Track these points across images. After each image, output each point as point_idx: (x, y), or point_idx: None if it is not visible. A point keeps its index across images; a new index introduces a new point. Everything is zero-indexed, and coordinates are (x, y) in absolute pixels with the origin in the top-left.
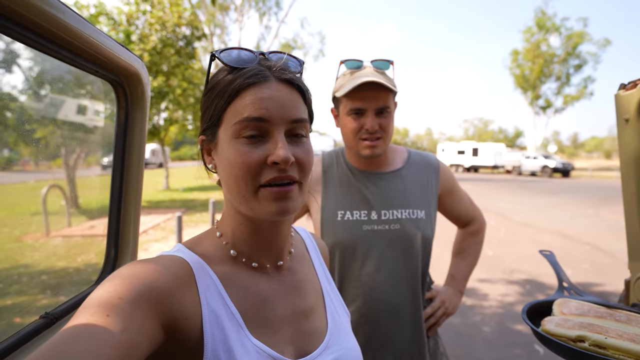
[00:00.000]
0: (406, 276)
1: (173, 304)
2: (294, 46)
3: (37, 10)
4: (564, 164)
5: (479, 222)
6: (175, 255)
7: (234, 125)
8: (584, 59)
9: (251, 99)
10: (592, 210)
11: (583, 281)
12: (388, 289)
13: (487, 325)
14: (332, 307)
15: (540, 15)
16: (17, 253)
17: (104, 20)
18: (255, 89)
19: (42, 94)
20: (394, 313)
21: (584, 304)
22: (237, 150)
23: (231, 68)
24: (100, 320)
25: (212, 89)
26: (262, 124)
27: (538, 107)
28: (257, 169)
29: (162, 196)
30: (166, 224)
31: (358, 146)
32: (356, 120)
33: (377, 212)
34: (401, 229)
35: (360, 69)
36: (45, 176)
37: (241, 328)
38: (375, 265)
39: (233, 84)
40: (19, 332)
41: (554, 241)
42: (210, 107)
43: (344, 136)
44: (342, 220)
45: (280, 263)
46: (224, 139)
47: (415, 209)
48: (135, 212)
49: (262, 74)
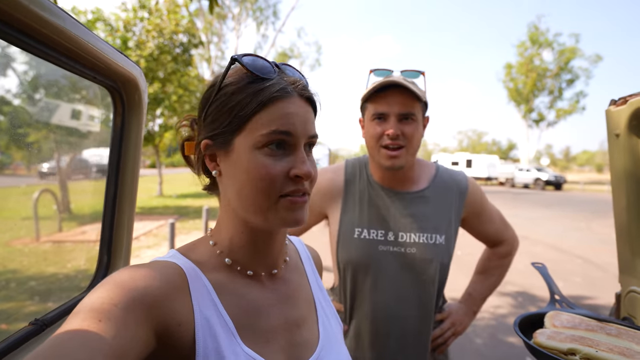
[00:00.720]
0: (418, 301)
1: (166, 310)
2: (291, 55)
3: (36, 16)
4: (557, 176)
5: (510, 244)
6: (169, 261)
7: (260, 137)
8: (576, 74)
9: (280, 113)
10: (584, 223)
11: (575, 294)
12: (398, 312)
13: (479, 337)
14: (324, 318)
15: (534, 30)
16: (6, 258)
17: (101, 26)
18: (283, 102)
19: (37, 98)
20: (402, 337)
21: (576, 316)
22: (260, 162)
23: (255, 77)
24: (92, 326)
25: (232, 94)
26: (287, 138)
27: (531, 120)
28: (280, 181)
29: (155, 202)
30: (159, 231)
31: (379, 155)
32: (378, 126)
33: (395, 233)
34: (417, 253)
35: (388, 77)
36: (37, 180)
37: (233, 336)
38: (386, 287)
39: (262, 94)
40: (8, 338)
41: (547, 254)
42: (227, 114)
43: (367, 144)
44: (359, 238)
45: (275, 271)
46: (243, 148)
47: (434, 234)
48: (129, 218)
49: (288, 88)
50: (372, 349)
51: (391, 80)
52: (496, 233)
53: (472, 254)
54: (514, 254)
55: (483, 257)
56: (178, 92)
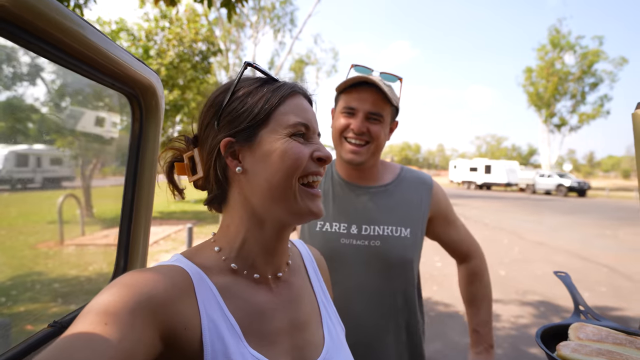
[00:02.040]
0: (383, 296)
1: (172, 313)
2: (308, 62)
3: (59, 26)
4: (580, 182)
5: (478, 257)
6: (174, 264)
7: (288, 126)
8: (600, 77)
9: (298, 106)
10: (609, 231)
11: (601, 305)
12: (362, 306)
13: (500, 347)
14: (328, 321)
15: (555, 33)
16: (32, 261)
17: (124, 35)
18: (297, 98)
19: (63, 107)
20: (369, 333)
21: (602, 329)
22: (292, 146)
23: (268, 78)
24: (98, 329)
25: (249, 94)
26: (306, 130)
27: (552, 125)
28: (308, 161)
29: (173, 207)
30: (177, 235)
31: (341, 147)
32: (344, 119)
33: (358, 226)
34: (381, 246)
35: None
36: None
37: (240, 339)
38: (350, 281)
39: (280, 90)
40: (27, 340)
41: (570, 262)
42: (249, 110)
43: (332, 136)
44: (321, 231)
45: (280, 275)
46: (270, 139)
47: (399, 227)
48: (146, 222)
49: (298, 87)
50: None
51: (367, 78)
52: (462, 242)
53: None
54: (486, 269)
55: (462, 284)
56: (197, 99)
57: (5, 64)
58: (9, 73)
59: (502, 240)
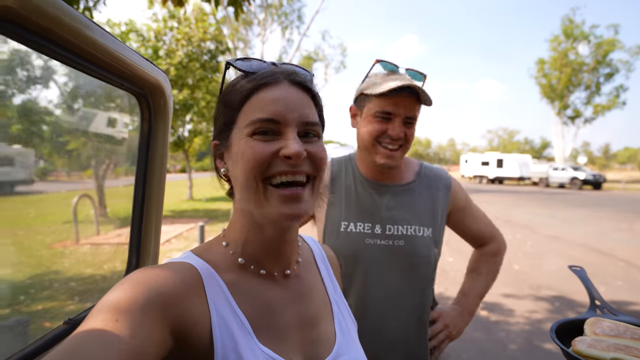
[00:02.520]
0: (407, 294)
1: (182, 309)
2: (316, 58)
3: (66, 26)
4: (595, 175)
5: (498, 242)
6: (184, 261)
7: (247, 127)
8: (616, 67)
9: (264, 101)
10: (626, 224)
11: (617, 299)
12: (388, 305)
13: (514, 342)
14: (340, 317)
15: (568, 23)
16: (49, 260)
17: (133, 37)
18: (267, 90)
19: (75, 108)
20: (394, 331)
21: (619, 324)
22: (249, 146)
23: (246, 73)
24: (110, 326)
25: (228, 94)
26: (272, 126)
27: (566, 117)
28: (268, 160)
29: (185, 206)
30: (189, 234)
31: (375, 151)
32: (380, 124)
33: (382, 226)
34: (405, 246)
35: (395, 73)
36: (76, 186)
37: (250, 335)
38: (375, 280)
39: (245, 86)
40: (43, 337)
41: (585, 256)
42: (223, 112)
43: (362, 138)
44: (345, 232)
45: (288, 272)
46: (237, 140)
47: (422, 227)
48: (156, 221)
49: (274, 76)
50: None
51: (407, 85)
52: (481, 230)
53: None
54: (503, 253)
55: (472, 258)
56: (206, 98)
57: (19, 67)
58: (22, 76)
59: (514, 234)
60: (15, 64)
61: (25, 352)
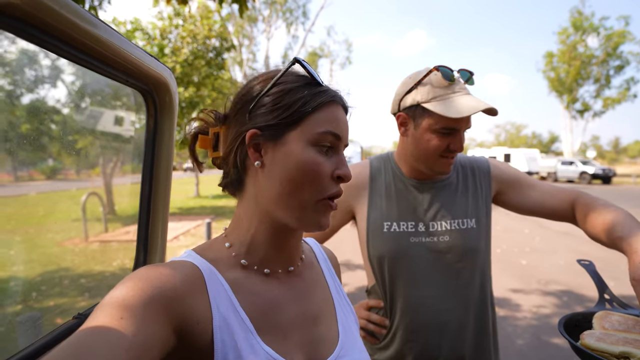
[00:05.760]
0: (457, 291)
1: (185, 307)
2: (321, 54)
3: (70, 23)
4: (605, 170)
5: (585, 196)
6: (186, 260)
7: (317, 134)
8: (626, 59)
9: (334, 116)
10: (637, 219)
11: (627, 294)
12: (437, 304)
13: (521, 337)
14: (342, 316)
15: (577, 15)
16: (59, 257)
17: (139, 35)
18: (335, 108)
19: (82, 107)
20: (444, 330)
21: (629, 318)
22: (313, 157)
23: (313, 80)
24: (114, 323)
25: (289, 91)
26: (336, 141)
27: (575, 110)
28: (326, 182)
29: (192, 203)
30: (196, 230)
31: (436, 163)
32: (444, 139)
33: (425, 223)
34: (450, 241)
35: (454, 82)
36: (85, 184)
37: (251, 334)
38: (422, 279)
39: (321, 96)
40: (53, 331)
41: (595, 252)
42: (285, 108)
43: (421, 151)
44: (389, 232)
45: (291, 269)
46: (296, 142)
47: (465, 219)
48: (163, 218)
49: (339, 96)
50: (413, 343)
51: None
52: (554, 195)
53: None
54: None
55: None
56: (212, 96)
57: (28, 67)
58: (30, 76)
59: (522, 229)
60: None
61: (36, 345)
